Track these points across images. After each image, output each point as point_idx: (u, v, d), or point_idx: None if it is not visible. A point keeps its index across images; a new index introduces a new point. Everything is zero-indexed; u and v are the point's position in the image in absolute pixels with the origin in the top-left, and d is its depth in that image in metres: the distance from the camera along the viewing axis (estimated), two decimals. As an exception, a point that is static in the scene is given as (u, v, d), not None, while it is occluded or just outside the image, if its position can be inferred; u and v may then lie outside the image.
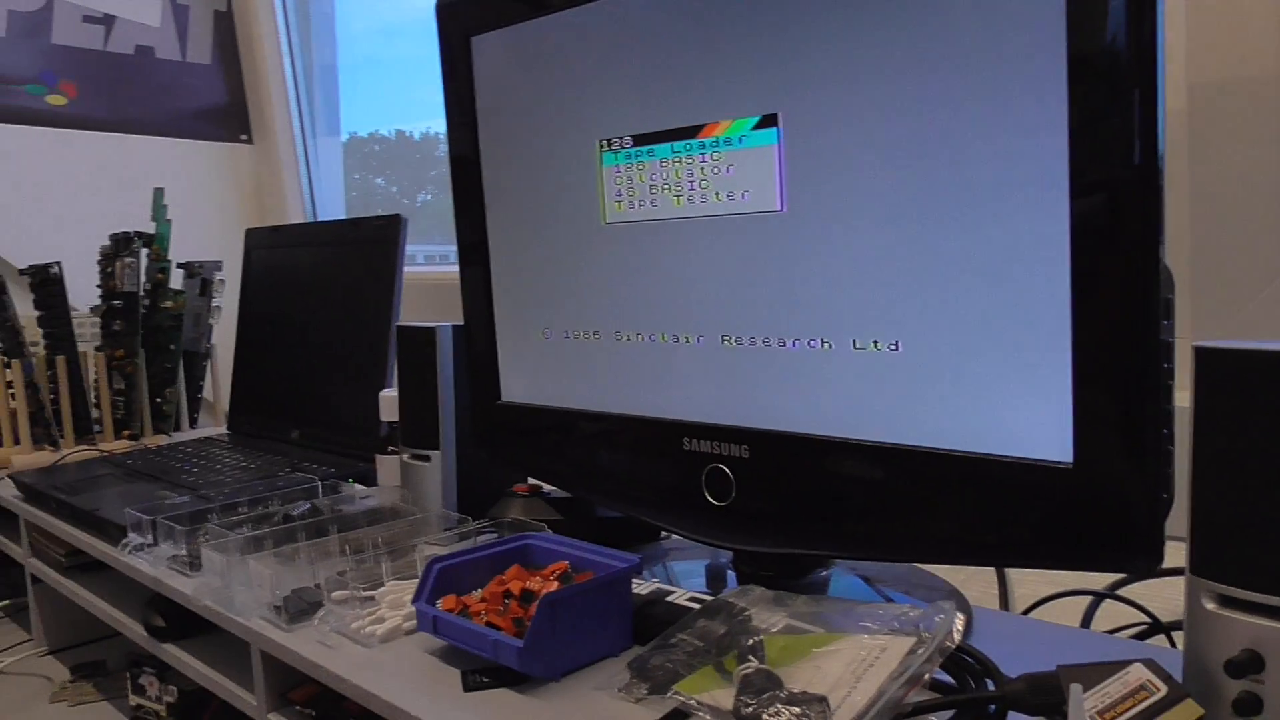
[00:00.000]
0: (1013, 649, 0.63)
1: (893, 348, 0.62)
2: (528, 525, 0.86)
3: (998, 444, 0.59)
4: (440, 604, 0.69)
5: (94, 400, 1.46)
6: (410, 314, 1.04)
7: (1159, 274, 0.51)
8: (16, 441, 1.41)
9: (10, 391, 1.40)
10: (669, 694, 0.58)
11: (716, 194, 0.70)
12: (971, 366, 0.59)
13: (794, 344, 0.67)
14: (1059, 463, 0.56)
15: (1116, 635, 0.72)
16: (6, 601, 1.38)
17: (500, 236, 0.87)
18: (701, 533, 0.74)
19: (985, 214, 0.57)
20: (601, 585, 0.66)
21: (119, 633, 1.00)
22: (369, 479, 1.07)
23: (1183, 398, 0.51)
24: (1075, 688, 0.39)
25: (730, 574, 0.79)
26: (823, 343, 0.66)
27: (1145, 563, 0.53)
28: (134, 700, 1.03)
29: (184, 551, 0.90)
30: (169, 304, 1.51)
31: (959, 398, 0.60)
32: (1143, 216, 0.51)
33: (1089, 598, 0.78)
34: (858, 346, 0.64)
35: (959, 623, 0.58)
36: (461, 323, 0.92)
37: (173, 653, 0.91)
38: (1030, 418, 0.57)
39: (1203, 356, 0.50)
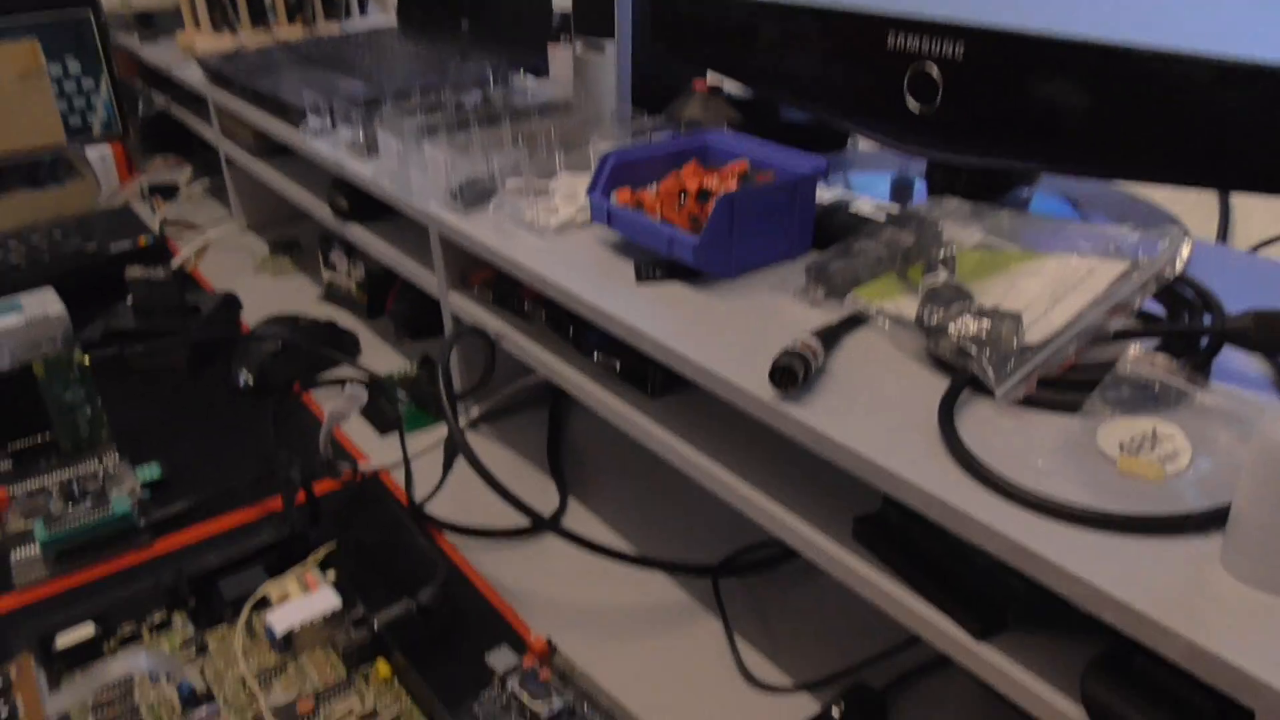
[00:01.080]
0: (1235, 285, 0.57)
1: (1166, -78, 0.51)
2: (706, 123, 0.81)
3: (1267, 49, 0.48)
4: (614, 197, 0.67)
5: (266, -14, 1.44)
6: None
7: None
8: (197, 26, 1.42)
9: (186, -28, 1.39)
10: (847, 298, 0.56)
11: None
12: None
13: (1039, -84, 0.56)
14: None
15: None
16: (207, 180, 1.47)
17: None
18: (898, 139, 0.67)
19: None
20: (783, 187, 0.63)
21: (309, 215, 1.05)
22: (540, 72, 1.03)
23: None
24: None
25: (919, 187, 0.73)
26: (1076, -85, 0.54)
27: None
28: (326, 275, 1.11)
29: (361, 136, 0.91)
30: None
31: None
32: None
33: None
34: (1121, -81, 0.52)
35: (1184, 250, 0.52)
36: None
37: (357, 233, 0.95)
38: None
39: None
